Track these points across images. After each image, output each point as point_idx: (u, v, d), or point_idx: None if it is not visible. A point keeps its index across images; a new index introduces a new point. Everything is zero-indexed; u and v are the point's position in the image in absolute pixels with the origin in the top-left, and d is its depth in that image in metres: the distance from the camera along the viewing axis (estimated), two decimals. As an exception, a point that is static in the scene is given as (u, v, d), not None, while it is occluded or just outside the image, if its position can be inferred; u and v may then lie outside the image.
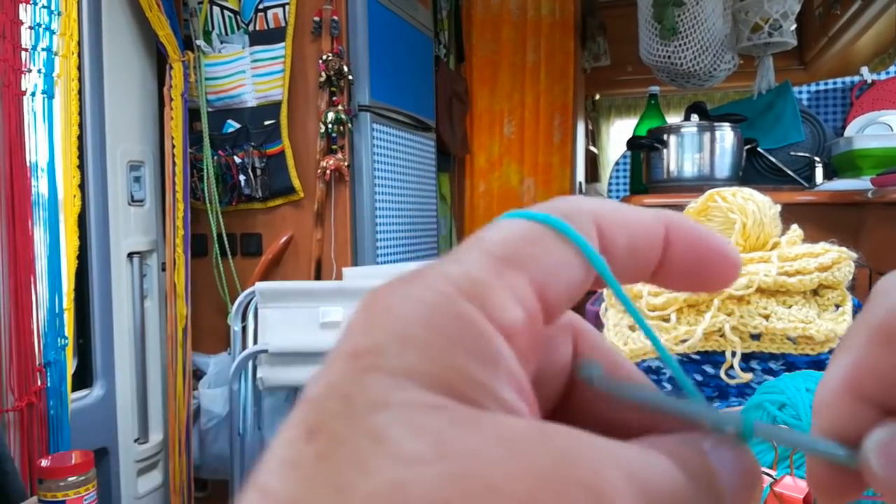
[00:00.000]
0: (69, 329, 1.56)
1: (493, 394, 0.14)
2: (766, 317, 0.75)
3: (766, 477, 0.43)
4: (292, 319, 1.69)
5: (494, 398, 0.14)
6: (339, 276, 1.93)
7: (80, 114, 1.66)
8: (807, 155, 2.03)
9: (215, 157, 1.98)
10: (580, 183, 3.54)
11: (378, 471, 0.12)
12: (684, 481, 0.15)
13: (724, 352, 0.76)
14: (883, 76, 2.14)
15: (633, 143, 2.07)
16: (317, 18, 1.92)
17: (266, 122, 1.97)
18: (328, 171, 1.93)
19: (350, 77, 1.94)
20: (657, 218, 0.18)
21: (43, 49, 1.54)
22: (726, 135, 1.87)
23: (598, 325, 0.90)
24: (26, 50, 1.50)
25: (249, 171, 1.97)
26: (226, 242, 2.01)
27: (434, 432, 0.13)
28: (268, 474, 0.13)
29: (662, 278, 0.19)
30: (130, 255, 1.85)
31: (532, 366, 0.16)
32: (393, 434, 0.13)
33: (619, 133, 4.61)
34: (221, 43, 2.00)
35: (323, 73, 1.90)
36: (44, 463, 0.80)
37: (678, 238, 0.18)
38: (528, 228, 0.16)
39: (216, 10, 2.00)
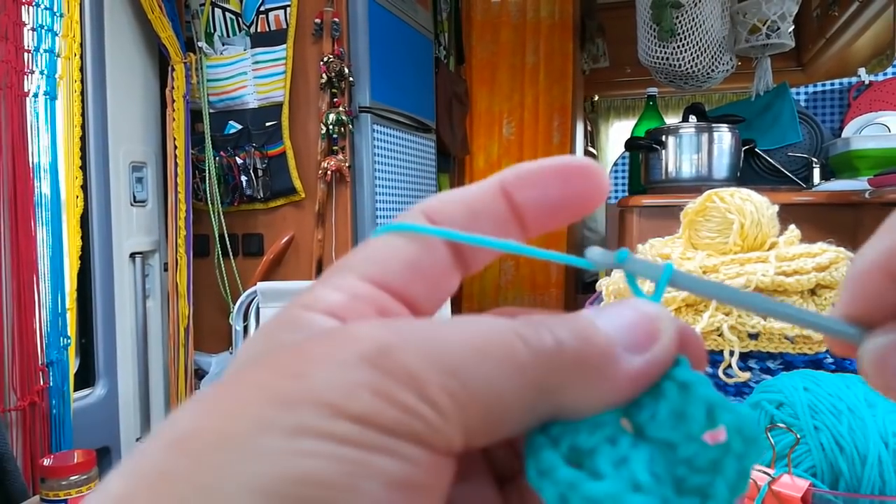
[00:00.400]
0: (72, 329, 1.56)
1: (296, 341, 0.17)
2: (764, 316, 0.75)
3: (763, 476, 0.43)
4: (294, 319, 1.69)
5: (293, 342, 0.17)
6: (340, 277, 1.93)
7: (83, 115, 1.66)
8: (804, 156, 2.04)
9: (217, 158, 1.99)
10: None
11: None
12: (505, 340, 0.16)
13: (721, 351, 0.77)
14: (880, 77, 2.15)
15: (631, 144, 2.07)
16: (318, 20, 1.92)
17: (267, 124, 1.97)
18: (329, 172, 1.93)
19: (351, 78, 1.95)
20: (490, 178, 0.20)
21: (45, 50, 1.54)
22: (724, 136, 1.88)
23: None
24: (29, 51, 1.50)
25: (251, 171, 1.98)
26: (227, 243, 2.02)
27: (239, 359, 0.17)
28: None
29: (533, 222, 0.20)
30: (133, 255, 1.86)
31: (423, 302, 0.19)
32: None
33: (617, 134, 4.61)
34: (223, 45, 2.00)
35: (324, 75, 1.90)
36: (46, 462, 0.80)
37: (515, 180, 0.19)
38: (371, 241, 0.19)
39: (218, 12, 2.00)
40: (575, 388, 0.16)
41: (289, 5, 1.94)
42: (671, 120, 2.45)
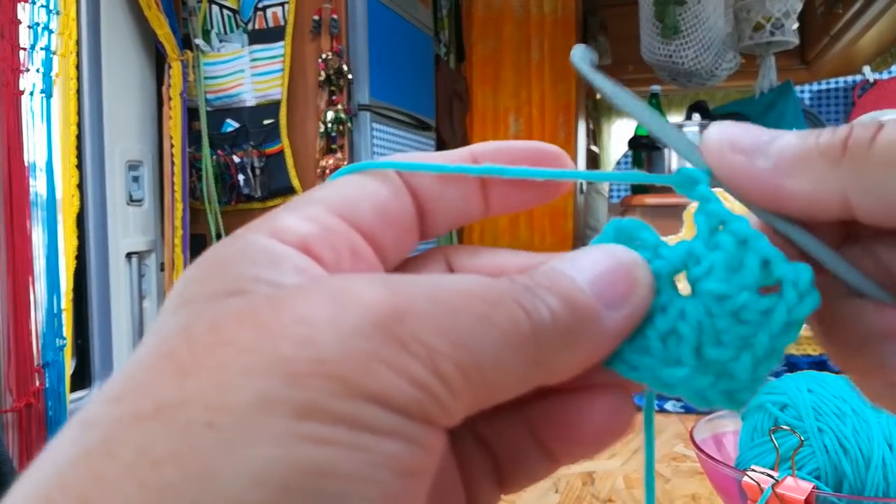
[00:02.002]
0: (68, 329, 1.56)
1: (275, 282, 0.15)
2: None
3: (767, 478, 0.43)
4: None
5: (273, 284, 0.15)
6: (339, 276, 1.92)
7: (79, 113, 1.66)
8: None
9: (214, 157, 1.98)
10: (581, 182, 3.54)
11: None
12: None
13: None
14: (885, 75, 2.14)
15: (634, 143, 2.08)
16: (316, 17, 1.92)
17: (265, 122, 1.96)
18: (328, 171, 1.93)
19: (350, 76, 1.94)
20: (462, 148, 0.19)
21: (41, 48, 1.54)
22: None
23: None
24: (24, 49, 1.50)
25: (248, 170, 1.97)
26: (225, 242, 2.01)
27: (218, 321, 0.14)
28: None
29: (498, 203, 0.19)
30: (129, 255, 1.85)
31: (389, 251, 0.18)
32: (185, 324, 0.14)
33: (620, 132, 4.61)
34: (220, 42, 2.00)
35: (322, 73, 1.90)
36: None
37: (488, 153, 0.19)
38: (337, 180, 0.18)
39: (215, 8, 2.00)
40: (563, 355, 0.15)
41: (287, 2, 1.93)
42: (674, 118, 2.44)
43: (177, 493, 0.11)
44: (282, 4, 1.94)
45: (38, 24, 1.53)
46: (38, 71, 1.53)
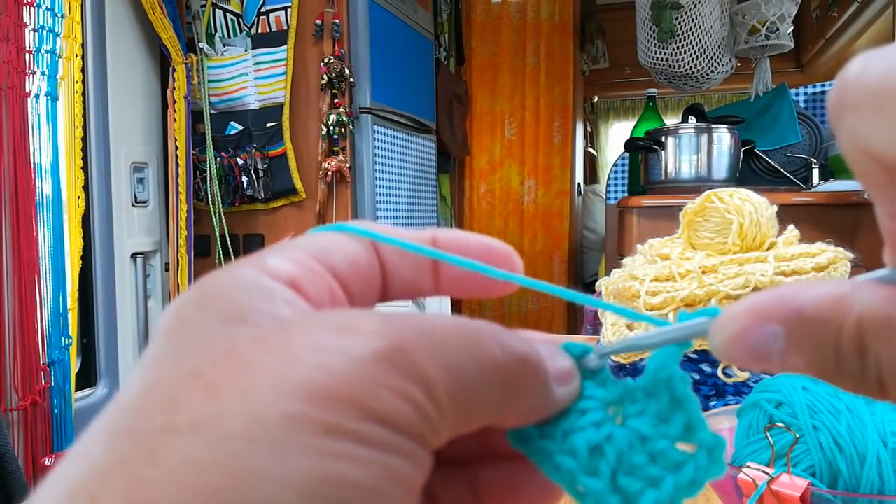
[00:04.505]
0: (73, 329, 1.56)
1: (272, 314, 0.16)
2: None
3: (762, 475, 0.43)
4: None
5: (270, 316, 0.16)
6: (341, 277, 1.93)
7: (84, 116, 1.66)
8: (804, 156, 2.04)
9: (218, 159, 1.99)
10: (579, 184, 3.55)
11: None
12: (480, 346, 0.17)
13: (721, 350, 0.77)
14: (879, 79, 2.14)
15: (631, 145, 2.07)
16: (318, 21, 1.92)
17: (268, 124, 1.98)
18: (330, 173, 1.94)
19: (351, 79, 1.95)
20: (427, 232, 0.21)
21: (47, 51, 1.54)
22: (723, 136, 1.88)
23: (597, 323, 0.90)
24: (30, 52, 1.50)
25: (252, 172, 1.98)
26: (228, 243, 2.02)
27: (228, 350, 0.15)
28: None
29: (443, 284, 0.21)
30: (134, 255, 1.86)
31: (357, 300, 0.20)
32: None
33: (617, 135, 4.61)
34: (224, 45, 2.01)
35: (324, 76, 1.91)
36: (47, 462, 0.80)
37: (447, 238, 0.21)
38: (313, 234, 0.20)
39: (219, 13, 2.00)
40: (524, 397, 0.17)
41: (289, 6, 1.94)
42: (671, 121, 2.45)
43: (221, 496, 0.13)
44: (285, 9, 1.95)
45: (43, 28, 1.53)
46: (43, 74, 1.53)
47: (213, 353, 0.15)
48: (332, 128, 1.91)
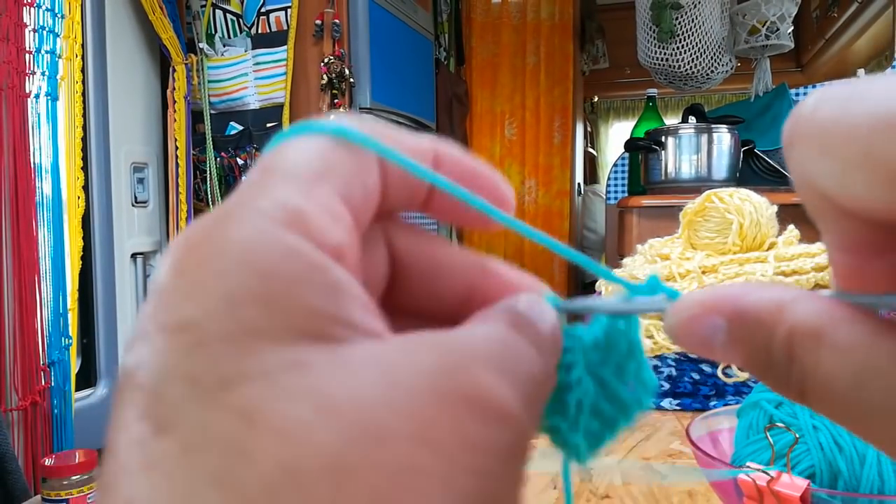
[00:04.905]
0: (73, 329, 1.56)
1: (348, 322, 0.13)
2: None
3: (762, 475, 0.43)
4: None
5: (350, 326, 0.13)
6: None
7: (84, 116, 1.66)
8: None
9: (218, 159, 1.99)
10: (579, 184, 3.55)
11: (263, 454, 0.11)
12: (530, 350, 0.16)
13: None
14: (879, 79, 2.15)
15: (631, 145, 2.08)
16: (318, 21, 1.92)
17: (268, 125, 1.97)
18: (329, 173, 1.93)
19: (351, 80, 1.95)
20: (429, 141, 0.18)
21: (46, 52, 1.54)
22: (723, 137, 1.87)
23: None
24: (30, 52, 1.50)
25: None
26: (228, 243, 2.02)
27: (306, 392, 0.12)
28: (130, 486, 0.12)
29: (434, 207, 0.19)
30: (134, 255, 1.86)
31: (362, 275, 0.16)
32: (264, 408, 0.12)
33: (617, 135, 4.61)
34: (224, 46, 2.01)
35: (324, 76, 1.91)
36: (47, 462, 0.80)
37: (447, 162, 0.18)
38: (317, 143, 0.16)
39: (219, 13, 2.00)
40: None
41: (289, 6, 1.94)
42: (671, 121, 2.45)
43: None
44: (285, 9, 1.94)
45: (43, 28, 1.52)
46: (43, 74, 1.53)
47: (335, 424, 0.12)
48: (332, 128, 1.90)
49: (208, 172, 1.98)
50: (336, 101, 1.93)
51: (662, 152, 1.91)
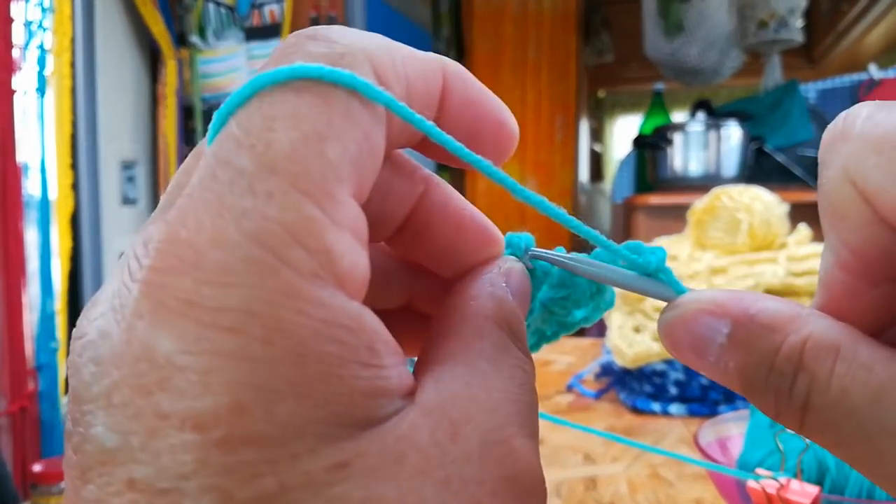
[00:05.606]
0: (62, 332, 1.56)
1: (385, 390, 0.12)
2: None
3: (771, 481, 0.42)
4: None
5: (387, 394, 0.12)
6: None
7: (73, 112, 1.65)
8: (815, 154, 2.01)
9: (210, 156, 1.97)
10: (582, 182, 3.53)
11: None
12: (533, 383, 0.16)
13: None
14: (891, 74, 2.12)
15: (639, 142, 2.07)
16: (314, 14, 1.90)
17: (262, 121, 1.95)
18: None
19: (348, 74, 1.92)
20: (437, 64, 0.17)
21: (35, 46, 1.54)
22: (732, 133, 1.86)
23: (602, 326, 0.92)
24: (18, 47, 1.50)
25: (245, 170, 1.96)
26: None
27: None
28: None
29: (431, 149, 0.18)
30: (123, 255, 1.84)
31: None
32: None
33: (623, 130, 4.60)
34: (216, 39, 1.99)
35: (320, 71, 1.88)
36: (37, 468, 0.80)
37: (457, 90, 0.17)
38: (321, 110, 0.13)
39: (211, 5, 1.98)
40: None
41: (284, -1, 1.92)
42: (678, 116, 2.43)
43: None
44: (279, 1, 1.93)
45: (32, 22, 1.53)
46: (32, 69, 1.53)
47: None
48: (328, 124, 1.88)
49: (200, 170, 1.96)
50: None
51: (670, 149, 1.90)
